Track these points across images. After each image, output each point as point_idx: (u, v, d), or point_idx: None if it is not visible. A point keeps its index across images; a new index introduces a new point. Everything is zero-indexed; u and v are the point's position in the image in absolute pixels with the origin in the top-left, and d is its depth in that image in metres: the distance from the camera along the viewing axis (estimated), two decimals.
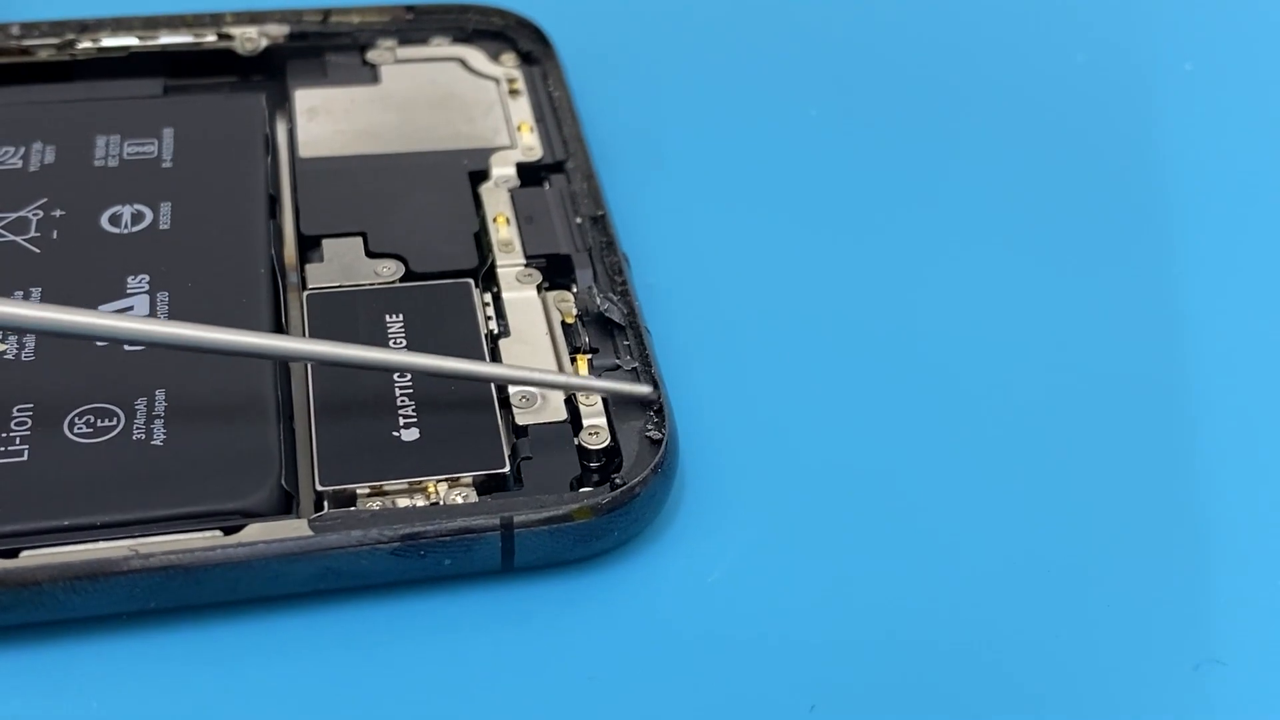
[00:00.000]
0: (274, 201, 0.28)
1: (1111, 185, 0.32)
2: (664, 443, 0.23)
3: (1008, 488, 0.25)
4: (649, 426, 0.24)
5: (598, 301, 0.26)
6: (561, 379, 0.24)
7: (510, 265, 0.27)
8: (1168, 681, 0.22)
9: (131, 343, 0.24)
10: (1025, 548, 0.24)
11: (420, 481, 0.23)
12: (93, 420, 0.23)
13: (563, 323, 0.26)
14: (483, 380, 0.24)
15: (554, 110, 0.31)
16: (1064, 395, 0.26)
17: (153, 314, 0.25)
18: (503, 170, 0.29)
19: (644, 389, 0.24)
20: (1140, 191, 0.32)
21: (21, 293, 0.25)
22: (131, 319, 0.23)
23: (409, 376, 0.24)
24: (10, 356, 0.24)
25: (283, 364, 0.24)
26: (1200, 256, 0.30)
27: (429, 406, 0.24)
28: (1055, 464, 0.25)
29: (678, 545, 0.23)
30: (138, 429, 0.23)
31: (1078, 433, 0.26)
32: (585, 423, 0.24)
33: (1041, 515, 0.24)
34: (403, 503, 0.22)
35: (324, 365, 0.24)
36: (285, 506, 0.22)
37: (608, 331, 0.26)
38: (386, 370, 0.24)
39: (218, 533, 0.21)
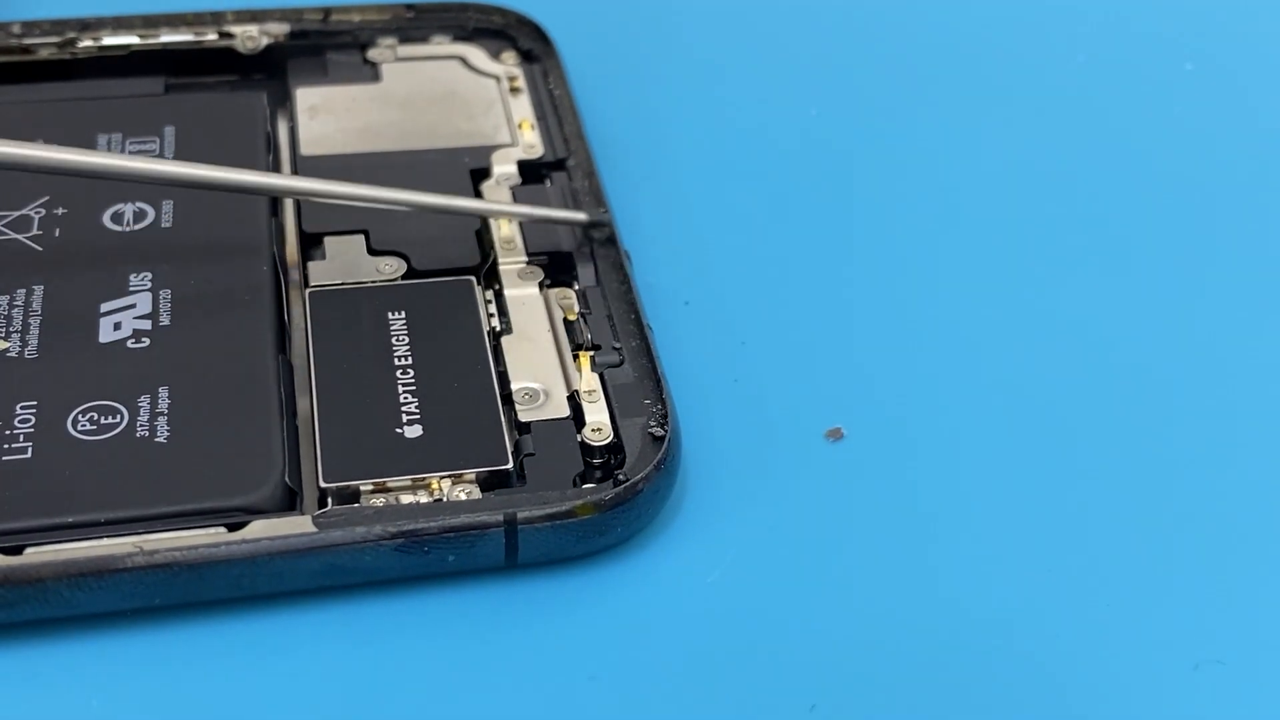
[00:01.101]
0: (275, 199, 0.28)
1: (1109, 183, 0.32)
2: (666, 439, 0.23)
3: (1009, 488, 0.25)
4: (652, 423, 0.24)
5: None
6: (510, 208, 0.27)
7: (512, 263, 0.27)
8: (1168, 681, 0.22)
9: (122, 179, 0.25)
10: (1026, 547, 0.24)
11: (424, 478, 0.23)
12: (96, 417, 0.23)
13: (564, 320, 0.26)
14: (446, 212, 0.27)
15: (555, 108, 0.31)
16: (1063, 394, 0.26)
17: (155, 312, 0.25)
18: (504, 168, 0.29)
19: (588, 215, 0.25)
20: (1138, 191, 0.32)
21: (24, 291, 0.25)
22: (123, 158, 0.24)
23: (412, 374, 0.24)
24: (14, 354, 0.24)
25: (286, 362, 0.25)
26: (1201, 255, 0.30)
27: (432, 404, 0.24)
28: (1055, 463, 0.25)
29: (680, 542, 0.23)
30: (141, 426, 0.23)
31: (1078, 432, 0.26)
32: (588, 419, 0.24)
33: (1042, 514, 0.24)
34: (406, 499, 0.22)
35: (311, 201, 0.27)
36: (289, 503, 0.22)
37: (610, 328, 0.26)
38: (366, 204, 0.26)
39: (221, 529, 0.21)
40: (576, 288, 0.27)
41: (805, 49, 0.35)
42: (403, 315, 0.25)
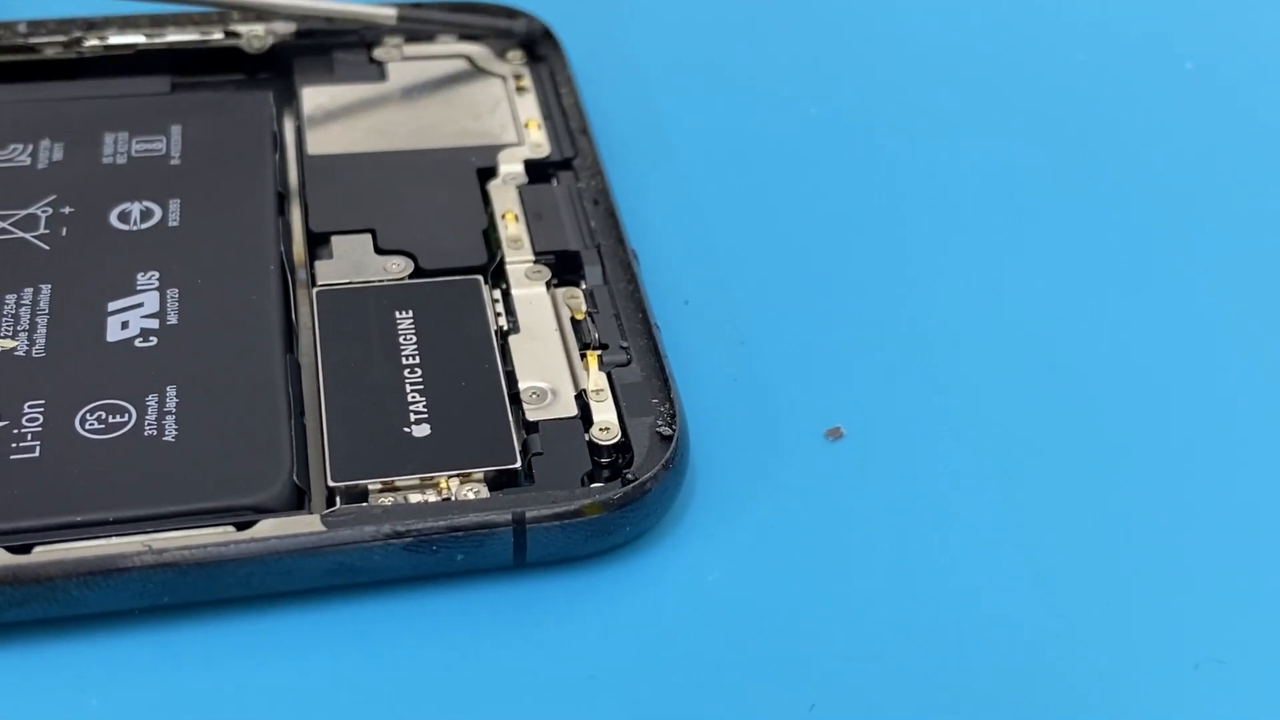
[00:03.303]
0: (283, 199, 0.28)
1: (1109, 182, 0.32)
2: (675, 439, 0.23)
3: (1008, 488, 0.25)
4: (660, 423, 0.24)
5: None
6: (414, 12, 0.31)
7: (519, 262, 0.27)
8: (1168, 681, 0.22)
9: None
10: (1025, 548, 0.24)
11: (432, 477, 0.23)
12: (104, 416, 0.23)
13: (572, 319, 0.26)
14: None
15: (561, 107, 0.31)
16: (1064, 393, 0.27)
17: (163, 311, 0.25)
18: (511, 167, 0.29)
19: (510, 22, 0.26)
20: (1138, 190, 0.32)
21: (31, 290, 0.25)
22: None
23: (419, 373, 0.24)
24: (21, 353, 0.24)
25: (294, 361, 0.25)
26: (1201, 254, 0.30)
27: (440, 403, 0.24)
28: (1055, 463, 0.25)
29: (688, 542, 0.23)
30: (149, 425, 0.23)
31: (1078, 432, 0.26)
32: (596, 419, 0.24)
33: (1041, 515, 0.24)
34: (414, 498, 0.22)
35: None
36: (297, 502, 0.22)
37: (618, 328, 0.26)
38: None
39: (230, 528, 0.21)
40: (584, 287, 0.27)
41: (808, 48, 0.35)
42: (410, 314, 0.25)
